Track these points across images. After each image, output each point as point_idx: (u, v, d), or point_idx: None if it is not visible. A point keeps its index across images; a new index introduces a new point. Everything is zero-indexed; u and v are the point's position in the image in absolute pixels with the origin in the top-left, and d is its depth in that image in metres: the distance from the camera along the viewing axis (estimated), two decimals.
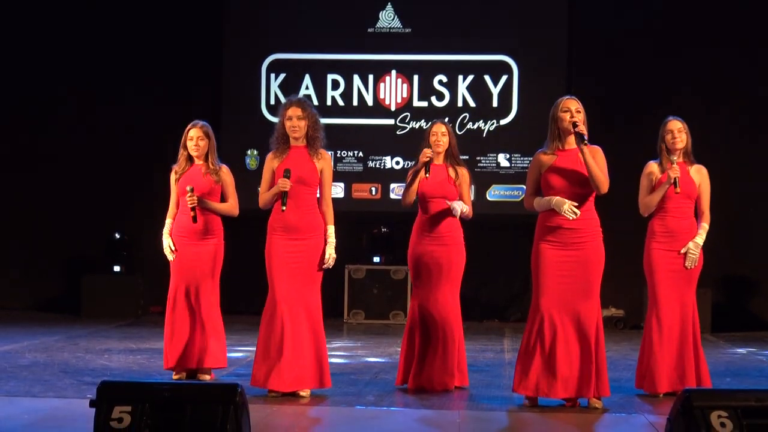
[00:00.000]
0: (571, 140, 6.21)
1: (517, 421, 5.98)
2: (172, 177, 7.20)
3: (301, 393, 6.46)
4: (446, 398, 6.58)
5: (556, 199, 6.16)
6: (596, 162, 6.14)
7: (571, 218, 6.12)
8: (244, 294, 10.72)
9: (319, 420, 6.01)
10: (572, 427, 5.77)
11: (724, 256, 10.89)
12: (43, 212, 12.37)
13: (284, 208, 6.46)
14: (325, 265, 6.61)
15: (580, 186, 6.17)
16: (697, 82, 11.86)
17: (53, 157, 12.14)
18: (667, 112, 7.08)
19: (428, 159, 6.80)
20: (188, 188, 6.98)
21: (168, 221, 7.20)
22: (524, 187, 6.44)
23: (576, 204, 6.12)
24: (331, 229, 6.62)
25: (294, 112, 6.55)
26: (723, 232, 8.27)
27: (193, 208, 6.97)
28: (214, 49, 12.24)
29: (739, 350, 9.68)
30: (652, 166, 6.79)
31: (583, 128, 6.12)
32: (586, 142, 6.09)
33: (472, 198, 7.12)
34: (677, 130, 6.72)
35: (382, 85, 12.13)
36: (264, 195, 6.62)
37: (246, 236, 8.69)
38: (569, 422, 5.86)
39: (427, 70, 12.08)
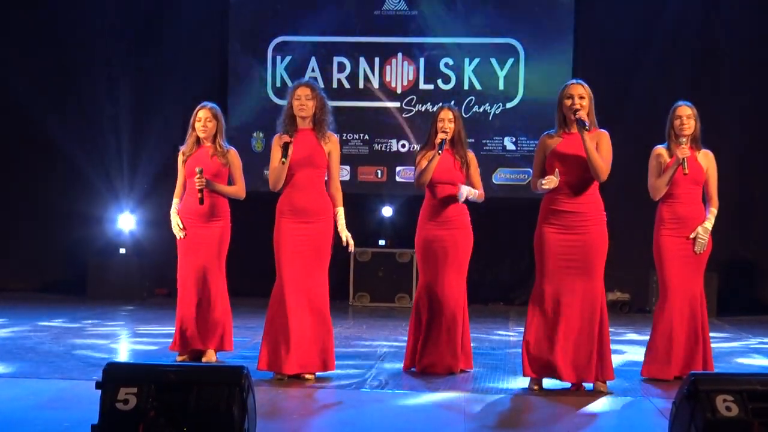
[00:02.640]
0: None
1: (522, 405, 5.98)
2: (180, 158, 7.21)
3: (306, 376, 6.47)
4: (451, 381, 6.58)
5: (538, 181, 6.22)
6: (600, 147, 6.14)
7: (553, 186, 6.11)
8: (250, 276, 10.70)
9: (325, 403, 6.02)
10: (577, 410, 5.77)
11: (729, 240, 10.86)
12: (50, 194, 12.37)
13: (284, 160, 6.39)
14: (350, 249, 6.59)
15: (584, 169, 6.15)
16: (704, 64, 11.80)
17: (60, 139, 12.12)
18: (674, 96, 7.04)
19: (441, 140, 6.79)
20: (197, 170, 6.97)
21: (175, 201, 7.21)
22: (530, 170, 6.44)
23: (558, 178, 6.13)
24: (340, 212, 6.60)
25: (303, 91, 6.54)
26: (728, 216, 8.24)
27: (200, 190, 6.97)
28: (220, 32, 12.21)
29: (745, 334, 9.67)
30: (660, 150, 6.75)
31: (583, 115, 6.10)
32: (587, 128, 6.07)
33: None
34: (686, 116, 6.68)
35: (388, 67, 12.09)
36: (271, 174, 6.55)
37: (252, 218, 8.69)
38: (574, 405, 5.87)
39: (433, 53, 12.04)
